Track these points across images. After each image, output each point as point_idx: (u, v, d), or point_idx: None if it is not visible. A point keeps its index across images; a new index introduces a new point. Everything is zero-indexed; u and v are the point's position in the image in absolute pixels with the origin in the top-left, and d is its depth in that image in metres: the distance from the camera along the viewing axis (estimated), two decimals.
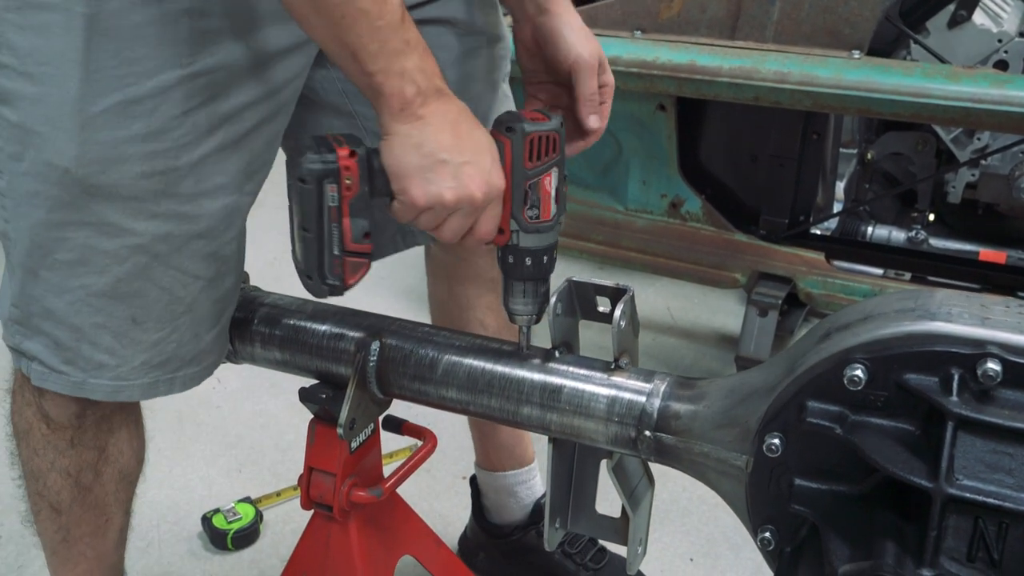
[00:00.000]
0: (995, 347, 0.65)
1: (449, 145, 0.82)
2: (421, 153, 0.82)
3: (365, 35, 0.77)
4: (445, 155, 0.82)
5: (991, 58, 2.02)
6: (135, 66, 0.84)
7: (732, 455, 0.82)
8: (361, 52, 0.78)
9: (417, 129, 0.81)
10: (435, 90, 0.82)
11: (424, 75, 0.81)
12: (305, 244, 0.84)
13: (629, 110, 2.04)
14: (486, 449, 1.49)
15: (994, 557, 0.63)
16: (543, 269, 0.91)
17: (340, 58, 0.81)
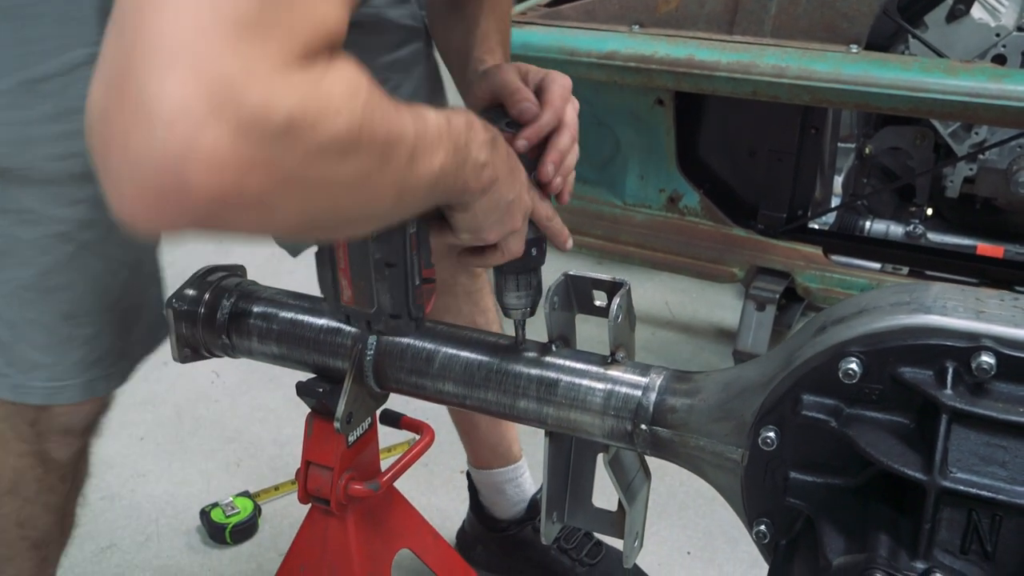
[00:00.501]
0: (989, 340, 0.65)
1: (510, 184, 0.81)
2: (498, 210, 0.81)
3: (447, 184, 0.72)
4: (512, 195, 0.82)
5: (989, 52, 2.02)
6: (36, 45, 0.81)
7: (728, 448, 0.82)
8: (446, 193, 0.74)
9: (492, 193, 0.79)
10: (491, 147, 0.78)
11: (487, 148, 0.76)
12: (393, 282, 0.81)
13: (627, 105, 2.04)
14: (471, 448, 1.50)
15: (987, 549, 0.64)
16: (533, 261, 0.91)
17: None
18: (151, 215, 0.48)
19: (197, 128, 0.46)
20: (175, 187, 0.47)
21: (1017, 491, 0.62)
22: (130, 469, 1.84)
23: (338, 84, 0.52)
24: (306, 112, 0.49)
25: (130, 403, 2.06)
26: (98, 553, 1.62)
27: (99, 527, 1.68)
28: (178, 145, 0.46)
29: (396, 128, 0.59)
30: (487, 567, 1.55)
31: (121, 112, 0.47)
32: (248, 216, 0.51)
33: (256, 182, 0.49)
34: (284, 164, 0.50)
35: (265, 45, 0.48)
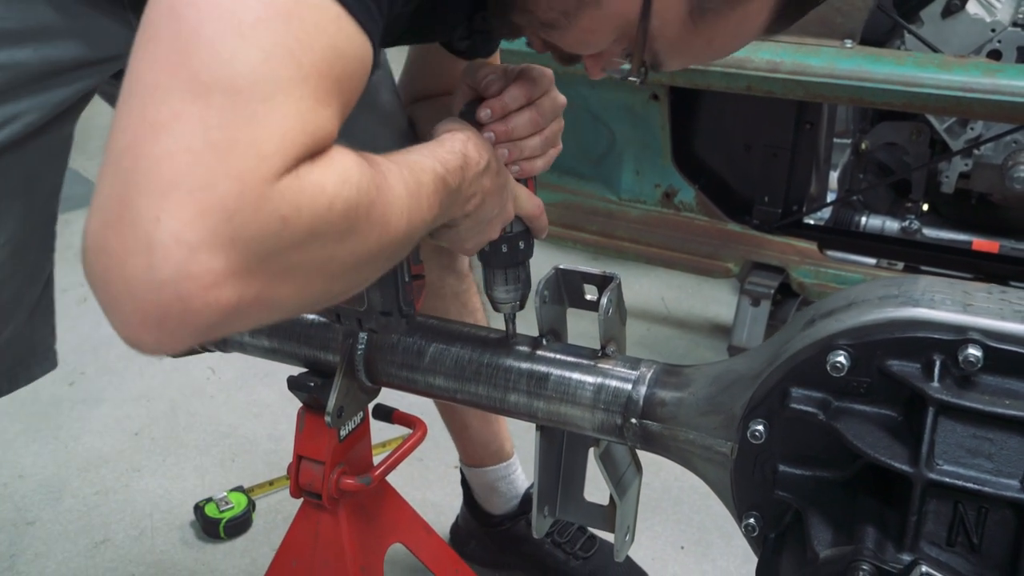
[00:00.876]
0: (976, 333, 0.65)
1: (496, 201, 0.82)
2: (480, 225, 0.82)
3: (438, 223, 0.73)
4: (496, 211, 0.82)
5: (984, 47, 2.02)
6: None
7: (717, 442, 0.82)
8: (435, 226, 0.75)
9: (477, 213, 0.80)
10: (482, 174, 0.78)
11: (480, 177, 0.77)
12: (383, 281, 0.82)
13: (622, 100, 2.04)
14: (463, 446, 1.51)
15: (973, 541, 0.64)
16: (520, 254, 0.91)
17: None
18: (156, 338, 0.50)
19: (192, 251, 0.48)
20: (177, 310, 0.49)
21: (1003, 483, 0.62)
22: (124, 464, 1.84)
23: (327, 175, 0.53)
24: (300, 212, 0.51)
25: (124, 398, 2.06)
26: (92, 548, 1.62)
27: (93, 521, 1.68)
28: (175, 268, 0.48)
29: (391, 203, 0.60)
30: (481, 562, 1.55)
31: (120, 241, 0.49)
32: (253, 317, 0.53)
33: (254, 290, 0.51)
34: (280, 266, 0.52)
35: (257, 160, 0.50)
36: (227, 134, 0.49)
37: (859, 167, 2.34)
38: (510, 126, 0.86)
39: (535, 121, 0.87)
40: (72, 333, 2.32)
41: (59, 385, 2.09)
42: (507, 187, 0.85)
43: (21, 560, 1.59)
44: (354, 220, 0.55)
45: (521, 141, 0.87)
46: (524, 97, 0.86)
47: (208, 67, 0.50)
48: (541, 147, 0.89)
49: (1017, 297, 0.70)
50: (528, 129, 0.88)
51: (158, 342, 0.50)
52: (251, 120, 0.50)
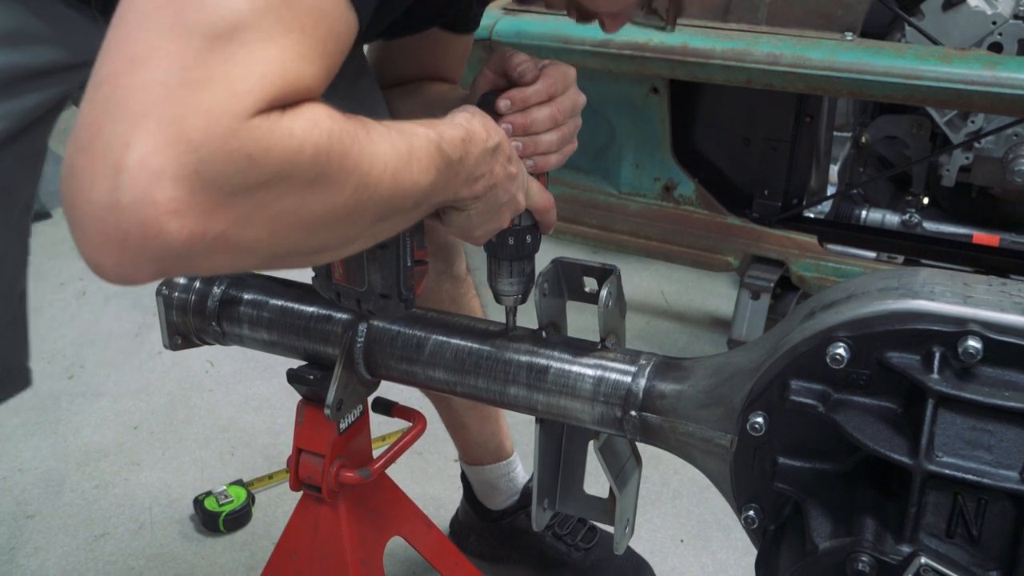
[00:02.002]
0: (976, 325, 0.65)
1: (507, 188, 0.81)
2: (490, 212, 0.81)
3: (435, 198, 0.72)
4: (506, 198, 0.82)
5: (985, 40, 2.02)
6: None
7: (717, 434, 0.82)
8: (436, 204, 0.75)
9: (487, 198, 0.79)
10: (491, 155, 0.78)
11: (486, 157, 0.77)
12: (383, 262, 0.82)
13: (622, 93, 2.04)
14: (462, 445, 1.50)
15: (973, 533, 0.64)
16: (527, 248, 0.90)
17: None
18: (116, 261, 0.52)
19: (157, 177, 0.49)
20: (137, 235, 0.50)
21: (1002, 475, 0.62)
22: (124, 458, 1.84)
23: (298, 121, 0.54)
24: (267, 153, 0.52)
25: (123, 392, 2.06)
26: (91, 541, 1.62)
27: (92, 516, 1.68)
28: (139, 192, 0.49)
29: (369, 156, 0.60)
30: (481, 556, 1.55)
31: (90, 165, 0.50)
32: (219, 257, 0.54)
33: (218, 225, 0.52)
34: (247, 204, 0.53)
35: (228, 97, 0.51)
36: (203, 72, 0.51)
37: (859, 160, 2.33)
38: (529, 119, 0.87)
39: (554, 117, 0.88)
40: (71, 327, 2.32)
41: (58, 379, 2.09)
42: (519, 176, 0.84)
43: (21, 554, 1.59)
44: (325, 166, 0.56)
45: (538, 136, 0.88)
46: (546, 92, 0.87)
47: (195, 8, 0.52)
48: (557, 143, 0.89)
49: (1017, 289, 0.70)
50: (546, 124, 0.88)
51: (118, 266, 0.52)
52: (228, 60, 0.52)
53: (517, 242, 0.89)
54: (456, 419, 1.45)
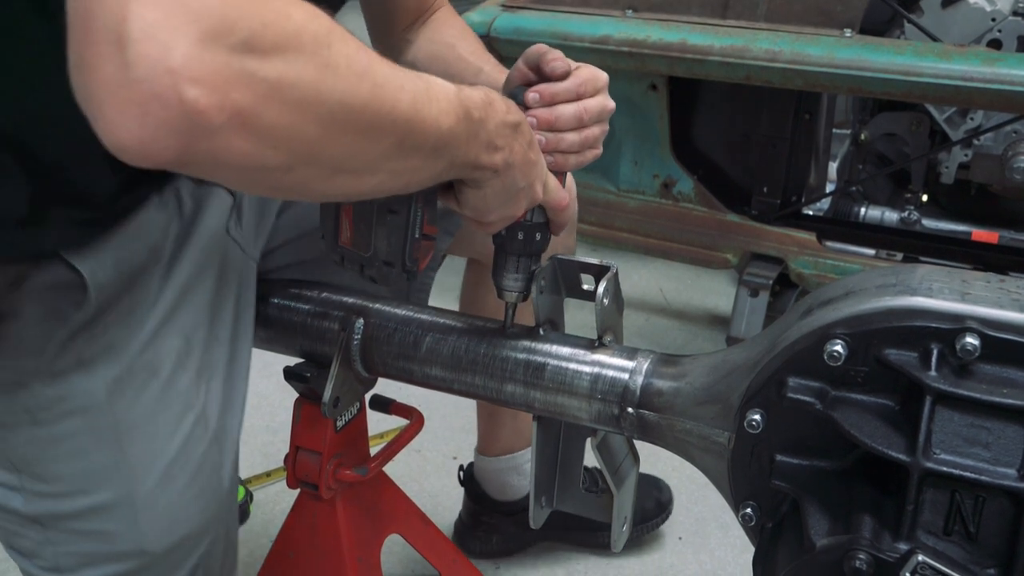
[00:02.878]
0: (974, 322, 0.65)
1: (525, 173, 0.80)
2: (507, 194, 0.80)
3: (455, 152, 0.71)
4: (524, 184, 0.81)
5: (985, 37, 2.01)
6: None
7: (714, 432, 0.81)
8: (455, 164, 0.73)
9: (505, 177, 0.78)
10: (511, 130, 0.77)
11: (506, 130, 0.76)
12: (392, 229, 0.82)
13: (621, 90, 2.03)
14: (495, 434, 1.48)
15: (970, 530, 0.63)
16: (536, 245, 0.89)
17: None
18: (137, 137, 0.50)
19: (166, 46, 0.48)
20: (157, 105, 0.49)
21: (1000, 472, 0.62)
22: None
23: (296, 9, 0.54)
24: (266, 28, 0.52)
25: None
26: None
27: None
28: (151, 63, 0.48)
29: (383, 72, 0.60)
30: (507, 552, 1.55)
31: (93, 50, 0.49)
32: (242, 141, 0.53)
33: (237, 96, 0.51)
34: (261, 75, 0.52)
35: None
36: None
37: (858, 158, 2.33)
38: (554, 115, 0.87)
39: (579, 116, 0.88)
40: None
41: None
42: (539, 165, 0.83)
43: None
44: (327, 56, 0.55)
45: (561, 133, 0.87)
46: (575, 91, 0.87)
47: None
48: (579, 144, 0.89)
49: (1015, 286, 0.70)
50: (571, 123, 0.88)
51: (142, 143, 0.50)
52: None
53: (526, 237, 0.89)
54: (486, 408, 1.44)
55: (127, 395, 0.85)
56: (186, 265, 0.89)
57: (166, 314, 0.88)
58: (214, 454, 0.94)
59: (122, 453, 0.86)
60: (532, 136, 0.81)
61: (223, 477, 0.96)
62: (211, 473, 0.94)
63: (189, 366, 0.90)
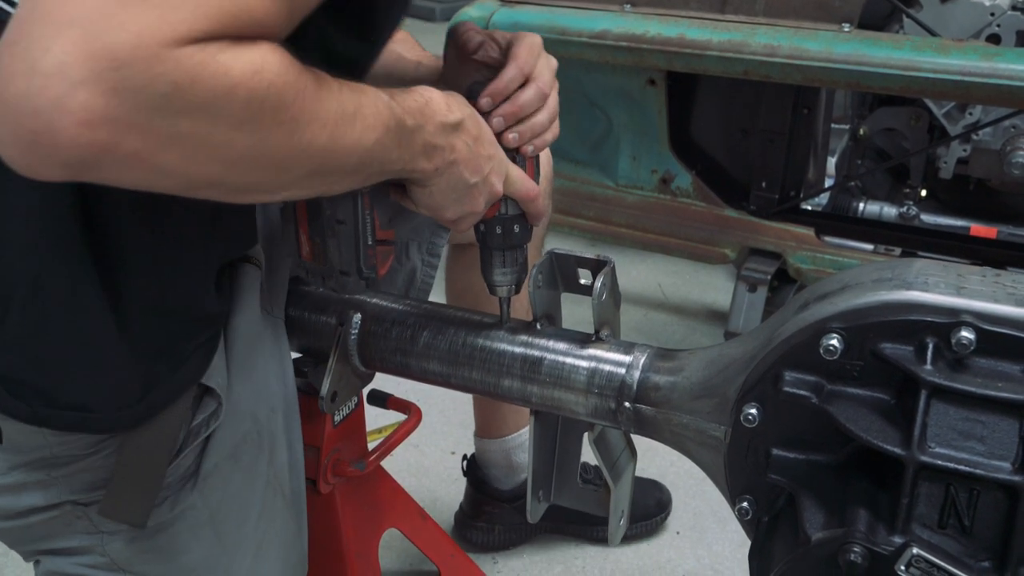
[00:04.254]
0: (969, 316, 0.65)
1: (475, 168, 0.80)
2: (456, 191, 0.80)
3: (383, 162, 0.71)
4: (475, 179, 0.81)
5: (983, 31, 2.01)
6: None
7: (711, 426, 0.82)
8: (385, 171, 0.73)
9: (450, 175, 0.78)
10: (451, 130, 0.77)
11: (445, 131, 0.76)
12: (342, 238, 0.83)
13: (619, 85, 2.03)
14: (491, 415, 1.47)
15: (965, 524, 0.63)
16: (516, 237, 0.90)
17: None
18: (27, 161, 0.52)
19: (72, 86, 0.49)
20: (47, 139, 0.50)
21: (994, 465, 0.62)
22: None
23: (238, 61, 0.53)
24: (194, 85, 0.51)
25: None
26: None
27: None
28: (52, 98, 0.49)
29: (311, 112, 0.60)
30: (511, 543, 1.55)
31: (10, 62, 0.50)
32: (128, 171, 0.54)
33: (132, 143, 0.52)
34: (165, 129, 0.52)
35: (160, 21, 0.50)
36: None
37: (857, 152, 2.33)
38: (518, 105, 0.86)
39: (541, 93, 0.87)
40: None
41: None
42: (493, 159, 0.83)
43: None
44: (257, 113, 0.55)
45: (530, 119, 0.87)
46: (521, 74, 0.86)
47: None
48: (549, 119, 0.89)
49: (1011, 280, 0.70)
50: (536, 103, 0.87)
51: (28, 165, 0.52)
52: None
53: (504, 231, 0.89)
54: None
55: (217, 488, 0.86)
56: (236, 353, 0.88)
57: (230, 400, 0.86)
58: (292, 521, 0.96)
59: (219, 543, 0.87)
60: (480, 131, 0.81)
61: (302, 541, 0.98)
62: (293, 540, 0.96)
63: (262, 445, 0.90)
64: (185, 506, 0.83)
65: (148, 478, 0.79)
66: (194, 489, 0.83)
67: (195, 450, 0.83)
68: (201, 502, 0.84)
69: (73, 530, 0.80)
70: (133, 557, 0.83)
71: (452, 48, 0.93)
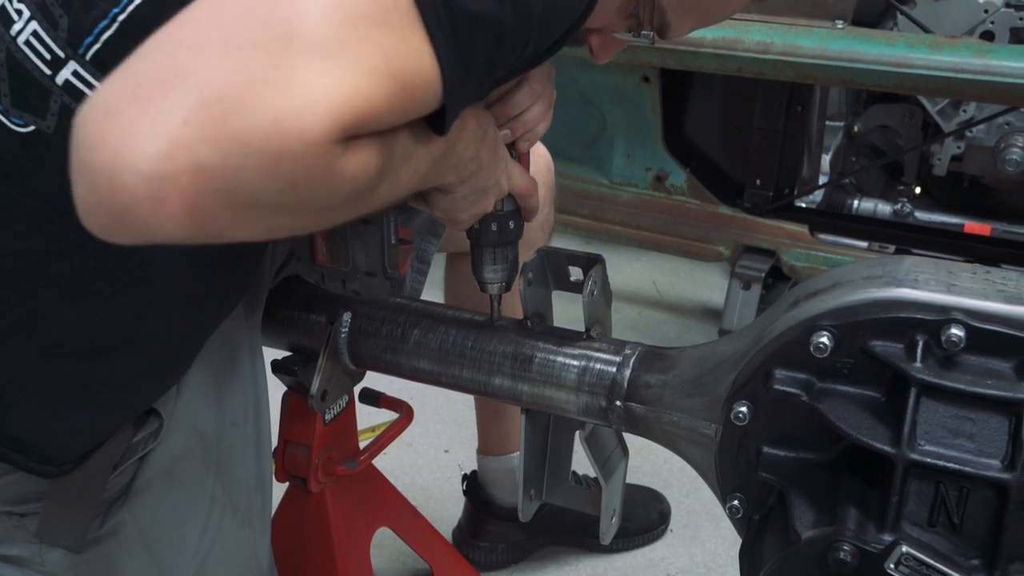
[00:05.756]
0: (959, 313, 0.65)
1: (488, 174, 0.80)
2: (475, 195, 0.81)
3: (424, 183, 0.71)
4: (489, 183, 0.81)
5: (977, 28, 2.01)
6: None
7: (701, 424, 0.81)
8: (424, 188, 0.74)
9: (472, 182, 0.79)
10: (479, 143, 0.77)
11: (475, 142, 0.76)
12: (368, 239, 0.82)
13: (613, 82, 2.03)
14: (493, 434, 1.45)
15: (954, 521, 0.63)
16: (510, 234, 0.90)
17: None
18: (104, 222, 0.50)
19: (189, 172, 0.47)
20: (140, 213, 0.48)
21: (984, 463, 0.62)
22: None
23: (352, 162, 0.52)
24: (312, 184, 0.50)
25: None
26: None
27: None
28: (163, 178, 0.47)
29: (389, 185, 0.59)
30: (512, 560, 1.53)
31: (135, 119, 0.48)
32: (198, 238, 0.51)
33: (219, 225, 0.50)
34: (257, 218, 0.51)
35: (304, 119, 0.48)
36: (285, 76, 0.48)
37: (851, 150, 2.33)
38: (511, 105, 0.85)
39: (533, 91, 0.86)
40: None
41: None
42: (503, 159, 0.83)
43: None
44: (349, 202, 0.55)
45: (523, 116, 0.86)
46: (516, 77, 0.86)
47: (294, 14, 0.50)
48: (542, 113, 0.88)
49: (1001, 277, 0.70)
50: (528, 101, 0.86)
51: (105, 227, 0.50)
52: (320, 73, 0.49)
53: (500, 228, 0.89)
54: (492, 405, 1.42)
55: (149, 506, 0.84)
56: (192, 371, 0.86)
57: (173, 417, 0.84)
58: (247, 539, 0.93)
59: (152, 561, 0.85)
60: (495, 133, 0.81)
61: (259, 557, 0.95)
62: (247, 559, 0.94)
63: (208, 461, 0.88)
64: (116, 522, 0.81)
65: (83, 501, 0.77)
66: (124, 505, 0.82)
67: (132, 467, 0.82)
68: (131, 519, 0.82)
69: (14, 539, 0.79)
70: (70, 570, 0.81)
71: None
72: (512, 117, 0.86)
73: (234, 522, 0.91)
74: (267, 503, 0.97)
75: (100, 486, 0.78)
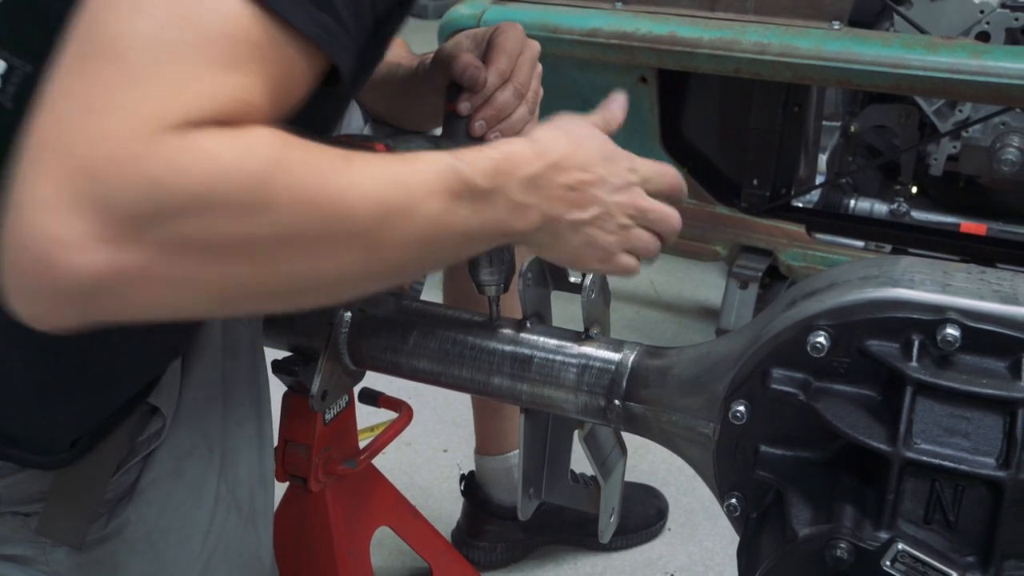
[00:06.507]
0: (955, 313, 0.66)
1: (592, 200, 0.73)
2: (591, 244, 0.75)
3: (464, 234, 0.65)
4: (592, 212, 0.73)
5: (973, 29, 2.02)
6: None
7: (699, 423, 0.82)
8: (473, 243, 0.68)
9: (579, 231, 0.73)
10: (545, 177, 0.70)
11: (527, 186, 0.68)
12: None
13: (611, 82, 2.02)
14: (491, 433, 1.45)
15: (950, 519, 0.64)
16: None
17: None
18: (31, 307, 0.49)
19: (55, 214, 0.46)
20: (46, 275, 0.47)
21: (979, 461, 0.63)
22: None
23: (229, 144, 0.49)
24: (180, 176, 0.47)
25: None
26: None
27: None
28: (39, 231, 0.46)
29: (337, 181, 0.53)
30: (511, 560, 1.53)
31: (8, 210, 0.47)
32: (151, 293, 0.49)
33: (134, 258, 0.47)
34: (164, 234, 0.48)
35: (131, 126, 0.47)
36: (106, 98, 0.47)
37: (848, 150, 2.34)
38: (497, 108, 0.85)
39: (519, 92, 0.86)
40: None
41: None
42: (635, 172, 0.78)
43: None
44: (264, 195, 0.50)
45: (511, 118, 0.86)
46: (501, 76, 0.86)
47: (101, 41, 0.49)
48: (530, 109, 0.88)
49: (996, 277, 0.70)
50: (515, 103, 0.86)
51: (36, 314, 0.49)
52: (135, 83, 0.48)
53: None
54: (490, 404, 1.42)
55: (154, 504, 0.84)
56: (195, 367, 0.86)
57: (176, 417, 0.84)
58: (250, 538, 0.93)
59: (158, 560, 0.85)
60: (602, 150, 0.77)
61: (262, 556, 0.95)
62: (250, 557, 0.94)
63: (212, 460, 0.88)
64: (120, 521, 0.82)
65: (85, 498, 0.77)
66: (129, 505, 0.82)
67: (136, 467, 0.82)
68: (136, 518, 0.83)
69: (18, 538, 0.79)
70: (74, 569, 0.81)
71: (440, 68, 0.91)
72: (500, 119, 0.86)
73: (238, 521, 0.91)
74: (269, 502, 0.98)
75: (101, 483, 0.79)
